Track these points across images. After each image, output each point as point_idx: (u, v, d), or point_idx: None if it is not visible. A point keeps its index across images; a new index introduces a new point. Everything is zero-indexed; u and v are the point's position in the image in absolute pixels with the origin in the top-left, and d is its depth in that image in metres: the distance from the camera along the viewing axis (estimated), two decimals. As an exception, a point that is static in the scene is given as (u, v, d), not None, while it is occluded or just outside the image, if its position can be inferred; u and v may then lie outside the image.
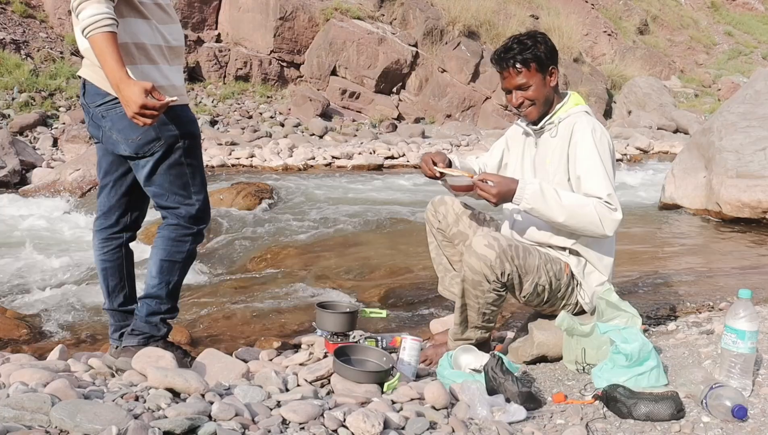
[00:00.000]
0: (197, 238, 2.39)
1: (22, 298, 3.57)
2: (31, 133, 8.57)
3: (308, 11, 11.89)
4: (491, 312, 2.41)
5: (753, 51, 20.41)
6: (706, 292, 3.56)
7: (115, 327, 2.46)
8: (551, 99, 2.47)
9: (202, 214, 2.36)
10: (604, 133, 2.41)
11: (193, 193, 2.32)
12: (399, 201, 6.77)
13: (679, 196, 6.23)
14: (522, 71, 2.40)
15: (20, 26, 10.53)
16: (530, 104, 2.45)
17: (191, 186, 2.31)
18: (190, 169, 2.29)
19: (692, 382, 2.06)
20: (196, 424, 1.58)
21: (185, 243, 2.35)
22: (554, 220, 2.33)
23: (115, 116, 2.18)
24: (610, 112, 14.46)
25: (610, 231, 2.30)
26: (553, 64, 2.44)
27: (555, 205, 2.29)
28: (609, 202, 2.29)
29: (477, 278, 2.32)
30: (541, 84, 2.42)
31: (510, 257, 2.31)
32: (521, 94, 2.44)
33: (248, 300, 3.58)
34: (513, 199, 2.32)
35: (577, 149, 2.37)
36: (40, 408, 1.57)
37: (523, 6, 15.62)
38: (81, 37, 2.06)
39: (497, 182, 2.32)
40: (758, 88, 6.40)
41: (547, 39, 2.46)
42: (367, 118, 11.57)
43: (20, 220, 5.41)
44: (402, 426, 1.80)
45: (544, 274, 2.40)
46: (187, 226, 2.33)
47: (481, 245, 2.31)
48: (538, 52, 2.39)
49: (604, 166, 2.32)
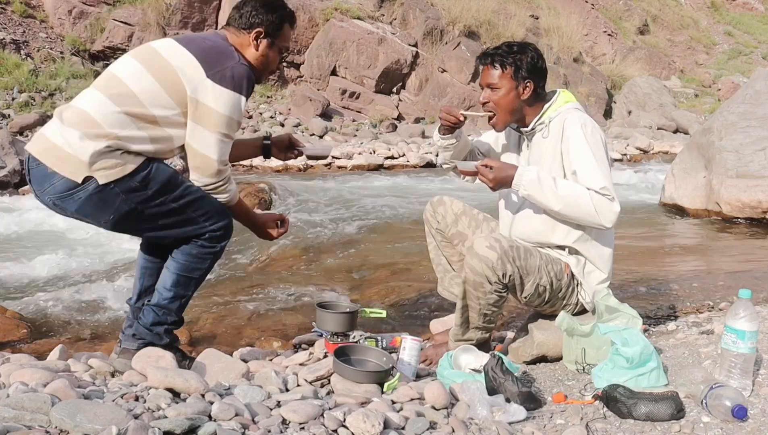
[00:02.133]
0: (218, 255, 2.39)
1: (22, 298, 3.56)
2: (31, 133, 8.56)
3: (308, 11, 11.89)
4: (492, 313, 2.41)
5: (753, 51, 20.40)
6: (706, 292, 3.56)
7: (131, 323, 2.44)
8: (519, 111, 2.44)
9: (224, 233, 2.33)
10: (595, 127, 2.40)
11: (202, 221, 2.27)
12: (399, 201, 6.77)
13: (679, 196, 6.23)
14: (497, 71, 2.41)
15: (20, 26, 10.54)
16: (493, 107, 2.43)
17: (196, 217, 2.26)
18: (184, 206, 2.23)
19: (692, 382, 2.06)
20: (196, 424, 1.58)
21: (206, 260, 2.35)
22: (551, 208, 2.34)
23: (79, 201, 2.12)
24: (610, 112, 14.46)
25: (607, 222, 2.29)
26: (532, 78, 2.41)
27: (551, 193, 2.30)
28: (604, 193, 2.28)
29: (478, 280, 2.32)
30: (511, 91, 2.40)
31: (512, 259, 2.31)
32: (489, 94, 2.44)
33: (248, 300, 3.58)
34: (512, 185, 2.35)
35: (569, 145, 2.37)
36: (40, 408, 1.57)
37: (523, 6, 15.62)
38: (84, 147, 2.07)
39: (497, 168, 2.35)
40: (758, 88, 6.40)
41: (538, 56, 2.43)
42: (367, 118, 11.57)
43: (20, 220, 5.41)
44: (402, 426, 1.80)
45: (545, 274, 2.40)
46: (210, 245, 2.32)
47: (483, 247, 2.31)
48: (519, 60, 2.39)
49: (596, 159, 2.32)
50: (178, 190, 2.21)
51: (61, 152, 2.10)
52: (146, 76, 2.16)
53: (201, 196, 2.26)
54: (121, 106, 2.12)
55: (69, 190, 2.11)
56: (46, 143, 2.14)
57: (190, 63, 2.16)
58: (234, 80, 2.17)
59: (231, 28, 2.34)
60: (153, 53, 2.22)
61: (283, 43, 2.37)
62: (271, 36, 2.32)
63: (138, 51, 2.28)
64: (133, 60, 2.23)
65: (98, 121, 2.11)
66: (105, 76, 2.24)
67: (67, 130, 2.11)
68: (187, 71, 2.15)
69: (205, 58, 2.17)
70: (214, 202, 2.29)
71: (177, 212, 2.22)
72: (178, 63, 2.16)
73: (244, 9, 2.32)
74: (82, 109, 2.15)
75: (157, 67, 2.17)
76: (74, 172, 2.09)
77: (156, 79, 2.16)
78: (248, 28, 2.30)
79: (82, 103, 2.18)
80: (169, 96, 2.15)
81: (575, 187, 2.31)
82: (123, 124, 2.12)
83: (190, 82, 2.14)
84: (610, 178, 2.32)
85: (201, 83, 2.14)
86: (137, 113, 2.13)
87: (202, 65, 2.15)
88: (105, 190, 2.11)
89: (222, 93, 2.16)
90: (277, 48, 2.36)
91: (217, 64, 2.17)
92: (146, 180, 2.16)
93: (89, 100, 2.17)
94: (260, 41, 2.31)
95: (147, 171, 2.16)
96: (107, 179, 2.10)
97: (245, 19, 2.31)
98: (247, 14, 2.31)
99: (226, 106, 2.17)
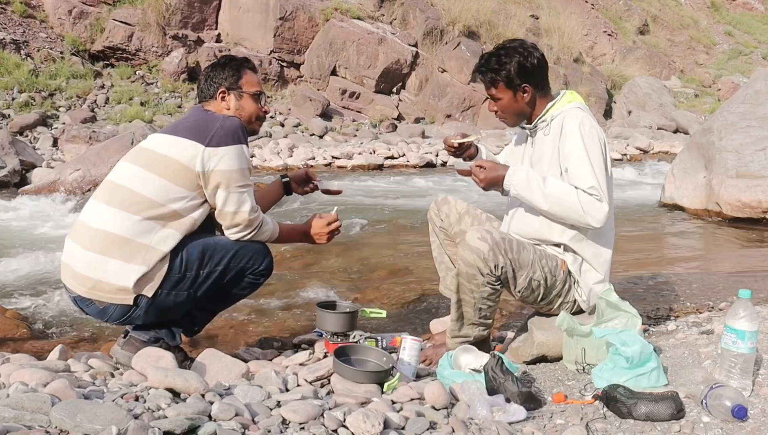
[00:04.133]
0: (258, 287, 2.46)
1: (22, 298, 3.56)
2: (31, 133, 8.57)
3: (308, 11, 11.89)
4: (487, 308, 2.41)
5: (753, 51, 20.41)
6: (706, 292, 3.56)
7: None
8: (525, 112, 2.49)
9: (266, 270, 2.40)
10: (593, 126, 2.40)
11: (247, 264, 2.34)
12: (399, 201, 6.78)
13: (679, 196, 6.23)
14: (492, 85, 2.47)
15: (20, 26, 10.54)
16: (502, 114, 2.52)
17: (243, 266, 2.33)
18: (228, 262, 2.30)
19: (692, 382, 2.06)
20: (196, 424, 1.58)
21: (246, 289, 2.43)
22: (539, 207, 2.37)
23: (140, 317, 2.24)
24: (610, 112, 14.46)
25: (595, 222, 2.29)
26: (527, 81, 2.42)
27: (538, 192, 2.33)
28: (592, 193, 2.29)
29: (471, 271, 2.33)
30: (511, 100, 2.46)
31: (503, 250, 2.33)
32: (493, 104, 2.52)
33: (248, 300, 3.57)
34: (504, 185, 2.40)
35: (565, 142, 2.39)
36: (40, 408, 1.57)
37: (523, 6, 15.62)
38: (123, 274, 2.16)
39: (489, 168, 2.42)
40: (758, 88, 6.40)
41: (526, 56, 2.42)
42: (367, 118, 11.57)
43: (20, 221, 5.41)
44: (402, 426, 1.80)
45: (539, 269, 2.40)
46: (254, 279, 2.39)
47: (475, 238, 2.33)
48: (507, 70, 2.41)
49: (589, 158, 2.32)
50: (217, 255, 2.29)
51: (106, 286, 2.18)
52: (151, 176, 2.21)
53: (240, 246, 2.33)
54: (140, 214, 2.18)
55: (126, 314, 2.23)
56: (86, 282, 2.19)
57: (184, 146, 2.21)
58: (228, 135, 2.23)
59: (204, 103, 2.43)
60: (148, 153, 2.27)
61: (250, 88, 2.43)
62: (233, 88, 2.40)
63: (133, 155, 2.32)
64: (132, 165, 2.27)
65: (126, 238, 2.16)
66: (109, 188, 2.27)
67: (99, 258, 2.17)
68: (186, 154, 2.21)
69: (195, 133, 2.23)
70: (253, 245, 2.36)
71: (225, 272, 2.31)
72: (174, 152, 2.22)
73: (203, 82, 2.44)
74: (104, 231, 2.19)
75: (157, 164, 2.22)
76: (125, 299, 2.19)
77: (161, 177, 2.21)
78: (213, 94, 2.40)
79: (100, 222, 2.21)
80: (180, 186, 2.21)
81: (563, 186, 2.33)
82: (149, 229, 2.18)
83: (193, 160, 2.20)
84: (603, 178, 2.32)
85: (203, 155, 2.20)
86: (158, 215, 2.19)
87: (196, 140, 2.21)
88: (156, 298, 2.21)
89: (225, 152, 2.22)
90: (247, 95, 2.42)
91: (207, 131, 2.23)
92: (183, 266, 2.24)
93: (106, 218, 2.20)
94: (227, 99, 2.40)
95: (179, 258, 2.23)
96: (154, 289, 2.20)
97: (207, 89, 2.41)
98: (206, 85, 2.42)
99: (233, 161, 2.23)
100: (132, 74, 10.95)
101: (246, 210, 2.28)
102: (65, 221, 5.42)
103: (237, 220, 2.28)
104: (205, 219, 2.34)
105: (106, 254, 2.17)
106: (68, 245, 2.28)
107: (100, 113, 9.75)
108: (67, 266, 2.26)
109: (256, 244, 2.37)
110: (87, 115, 9.31)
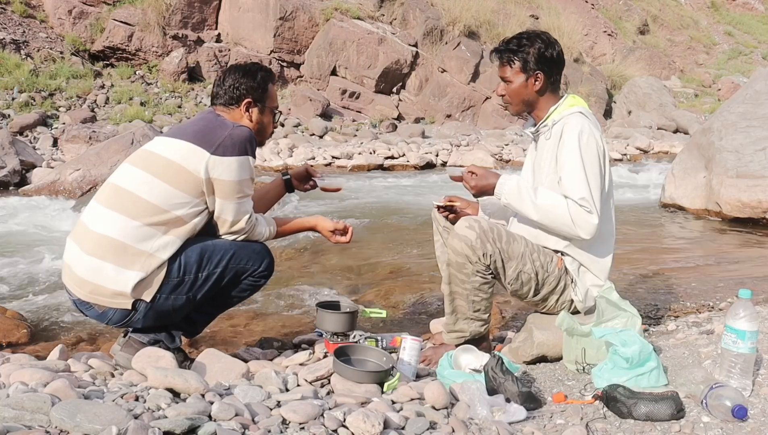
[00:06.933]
0: (259, 288, 2.45)
1: (22, 298, 3.56)
2: (31, 133, 8.58)
3: (308, 11, 11.89)
4: (480, 300, 2.40)
5: (753, 51, 20.41)
6: (706, 292, 3.55)
7: None
8: (532, 102, 2.49)
9: (267, 271, 2.38)
10: (593, 135, 2.38)
11: (246, 265, 2.32)
12: (399, 201, 6.78)
13: (679, 196, 6.24)
14: (507, 66, 2.47)
15: (20, 26, 10.54)
16: (508, 99, 2.52)
17: (242, 266, 2.32)
18: (227, 264, 2.29)
19: (692, 382, 2.06)
20: (196, 424, 1.58)
21: (246, 291, 2.42)
22: (530, 218, 2.38)
23: (139, 321, 2.25)
24: (610, 112, 14.47)
25: (584, 233, 2.30)
26: (542, 69, 2.43)
27: (529, 202, 2.34)
28: (582, 204, 2.29)
29: (460, 260, 2.34)
30: (522, 84, 2.46)
31: (491, 239, 2.33)
32: (503, 87, 2.51)
33: (248, 300, 3.57)
34: (494, 193, 2.41)
35: (562, 150, 2.38)
36: (40, 408, 1.57)
37: (523, 6, 15.63)
38: (125, 280, 2.15)
39: (480, 175, 2.44)
40: (758, 88, 6.40)
41: (548, 46, 2.44)
42: (367, 118, 11.57)
43: (20, 221, 5.41)
44: (402, 426, 1.80)
45: (530, 262, 2.39)
46: (255, 280, 2.38)
47: (462, 227, 2.35)
48: (527, 53, 2.42)
49: (584, 168, 2.32)
50: (215, 257, 2.27)
51: (104, 290, 2.17)
52: (155, 181, 2.19)
53: (238, 247, 2.31)
54: (142, 220, 2.16)
55: (126, 318, 2.22)
56: (86, 286, 2.18)
57: (190, 151, 2.18)
58: (236, 146, 2.20)
59: (219, 106, 2.36)
60: (152, 156, 2.25)
61: (272, 104, 2.42)
62: (259, 101, 2.37)
63: (137, 157, 2.29)
64: (135, 169, 2.24)
65: (126, 243, 2.15)
66: (112, 191, 2.24)
67: (98, 263, 2.15)
68: (191, 159, 2.18)
69: (202, 139, 2.20)
70: (252, 246, 2.35)
71: (223, 273, 2.29)
72: (179, 157, 2.19)
73: (226, 84, 2.35)
74: (104, 235, 2.17)
75: (162, 169, 2.20)
76: (123, 303, 2.18)
77: (165, 182, 2.18)
78: (236, 102, 2.34)
79: (101, 226, 2.19)
80: (185, 192, 2.19)
81: (554, 197, 2.33)
82: (150, 236, 2.16)
83: (198, 166, 2.18)
84: (596, 190, 2.32)
85: (208, 163, 2.18)
86: (161, 221, 2.18)
87: (202, 147, 2.18)
88: (155, 302, 2.21)
89: (230, 162, 2.20)
90: (269, 110, 2.40)
91: (215, 139, 2.20)
92: (181, 270, 2.22)
93: (107, 222, 2.18)
94: (251, 110, 2.35)
95: (178, 262, 2.21)
96: (152, 294, 2.19)
97: (230, 94, 2.34)
98: (230, 89, 2.34)
99: (237, 172, 2.21)
100: (132, 74, 10.96)
101: (244, 220, 2.29)
102: (65, 221, 5.42)
103: (234, 228, 2.29)
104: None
105: (105, 259, 2.15)
106: (69, 245, 2.27)
107: (100, 113, 9.75)
108: (68, 267, 2.26)
109: (256, 245, 2.36)
110: (87, 115, 9.31)
